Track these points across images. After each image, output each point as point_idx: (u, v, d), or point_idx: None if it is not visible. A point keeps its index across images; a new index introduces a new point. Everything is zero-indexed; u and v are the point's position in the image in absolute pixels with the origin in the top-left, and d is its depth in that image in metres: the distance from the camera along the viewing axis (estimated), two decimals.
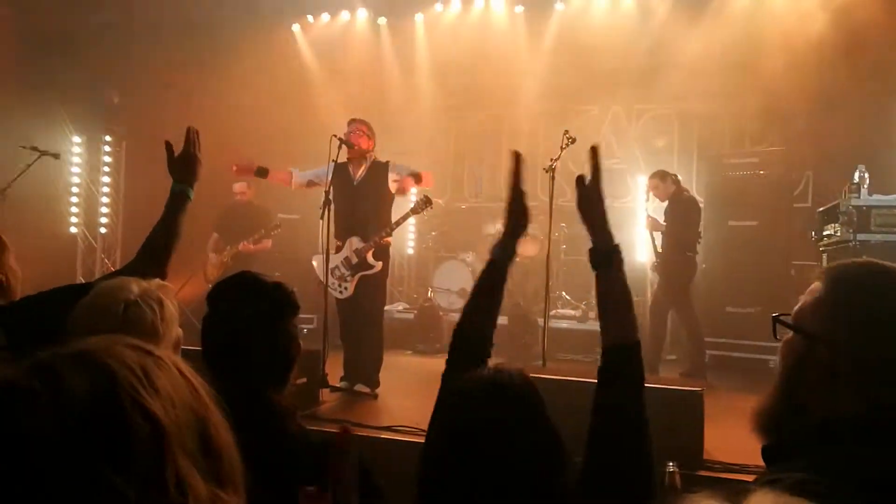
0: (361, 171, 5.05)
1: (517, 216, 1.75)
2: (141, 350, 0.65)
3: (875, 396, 1.00)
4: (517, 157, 1.77)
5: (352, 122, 5.09)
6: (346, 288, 5.02)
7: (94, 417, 0.57)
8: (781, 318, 1.13)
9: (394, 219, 5.07)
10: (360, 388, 4.86)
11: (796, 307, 1.13)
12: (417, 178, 5.00)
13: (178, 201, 2.07)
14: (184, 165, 2.09)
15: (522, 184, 1.77)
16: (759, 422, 1.11)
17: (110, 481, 0.56)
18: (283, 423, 1.54)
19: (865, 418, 0.99)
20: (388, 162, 5.09)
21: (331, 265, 4.98)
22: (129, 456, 0.57)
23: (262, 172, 5.26)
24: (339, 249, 5.05)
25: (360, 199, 4.98)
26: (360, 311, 5.08)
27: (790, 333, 1.12)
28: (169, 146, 2.12)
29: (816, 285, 1.11)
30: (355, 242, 4.98)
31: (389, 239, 5.08)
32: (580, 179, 1.63)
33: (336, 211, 4.94)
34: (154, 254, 2.00)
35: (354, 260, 4.98)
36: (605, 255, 1.55)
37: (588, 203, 1.61)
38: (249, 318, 1.59)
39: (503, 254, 1.73)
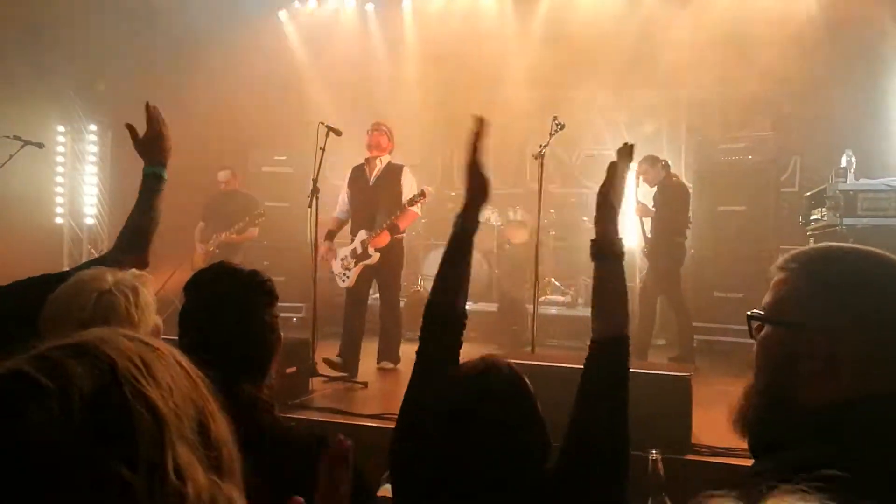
0: (376, 172, 5.37)
1: (477, 186, 1.70)
2: (139, 341, 0.66)
3: (879, 380, 0.99)
4: (481, 123, 1.69)
5: (375, 125, 5.40)
6: (347, 276, 5.31)
7: (98, 407, 0.57)
8: (756, 314, 1.11)
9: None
10: (384, 364, 5.26)
11: (768, 301, 1.10)
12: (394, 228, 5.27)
13: (151, 184, 1.99)
14: (151, 145, 2.01)
15: (481, 153, 1.69)
16: (741, 422, 1.09)
17: (116, 471, 0.56)
18: (258, 417, 1.50)
19: (869, 404, 0.98)
20: (403, 166, 5.39)
21: (341, 255, 5.38)
22: (132, 445, 0.58)
23: (332, 235, 5.50)
24: (351, 242, 5.39)
25: (374, 197, 5.32)
26: (369, 301, 5.54)
27: (766, 329, 1.09)
28: (131, 128, 2.04)
29: (785, 276, 1.09)
30: (363, 234, 5.28)
31: (401, 235, 5.36)
32: (613, 166, 1.62)
33: (353, 210, 5.44)
34: (132, 241, 1.95)
35: (359, 250, 5.27)
36: (608, 246, 1.54)
37: (612, 192, 1.59)
38: (224, 307, 1.56)
39: (466, 224, 1.70)
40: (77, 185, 8.42)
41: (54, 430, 0.55)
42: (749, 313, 1.12)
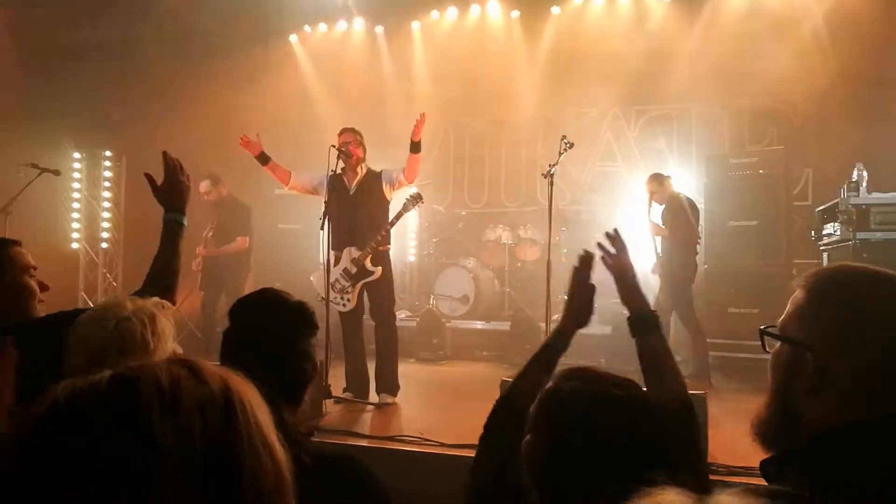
0: (356, 181, 5.04)
1: (582, 311, 1.79)
2: (182, 366, 0.66)
3: (867, 403, 1.00)
4: (588, 258, 1.81)
5: (343, 131, 5.09)
6: (348, 300, 4.99)
7: (101, 433, 0.60)
8: (769, 329, 1.13)
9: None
10: (384, 397, 4.86)
11: (781, 317, 1.13)
12: (415, 149, 4.89)
13: (172, 229, 2.09)
14: (170, 193, 2.10)
15: (588, 281, 1.79)
16: (757, 432, 1.11)
17: (103, 495, 0.58)
18: (297, 443, 1.54)
19: (859, 427, 0.99)
20: (381, 171, 5.09)
21: (330, 279, 4.94)
22: (121, 474, 0.59)
23: (264, 159, 5.11)
24: (337, 261, 5.02)
25: (356, 208, 4.98)
26: (368, 322, 5.11)
27: (778, 344, 1.12)
28: (149, 177, 2.12)
29: (799, 293, 1.11)
30: (352, 252, 4.96)
31: (388, 245, 5.07)
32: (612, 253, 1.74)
33: (332, 222, 4.85)
34: (160, 281, 2.05)
35: (353, 269, 4.96)
36: (649, 320, 1.64)
37: (627, 270, 1.71)
38: (271, 335, 1.60)
39: (560, 344, 1.78)
40: (92, 210, 8.52)
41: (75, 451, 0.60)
42: (761, 328, 1.14)
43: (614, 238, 1.78)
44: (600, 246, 1.78)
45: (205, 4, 7.71)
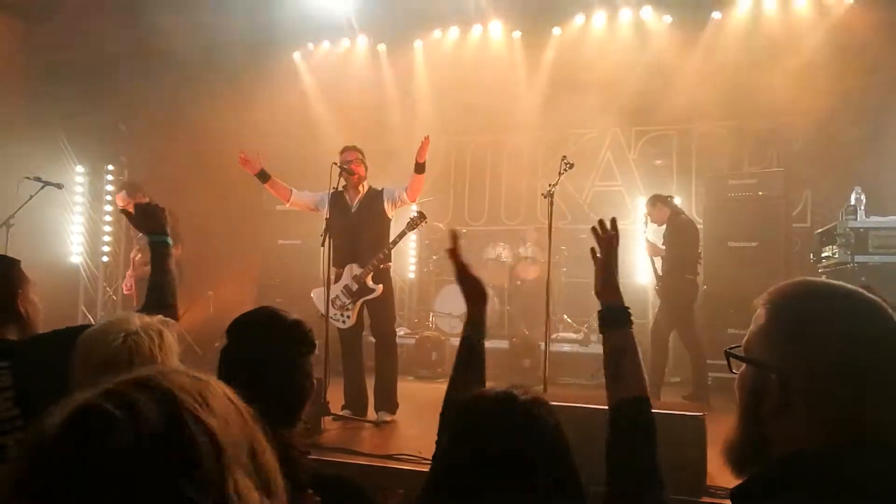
0: (358, 199, 5.08)
1: (471, 290, 1.81)
2: (193, 377, 0.71)
3: (828, 425, 0.97)
4: (453, 235, 1.85)
5: (345, 149, 5.12)
6: (347, 317, 5.00)
7: (165, 434, 0.63)
8: (734, 350, 1.10)
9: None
10: (382, 415, 4.85)
11: (745, 336, 1.10)
12: (419, 169, 4.91)
13: (158, 251, 2.19)
14: (146, 219, 2.22)
15: (462, 258, 1.83)
16: (727, 458, 1.08)
17: (185, 493, 0.62)
18: (293, 462, 1.53)
19: (822, 450, 0.96)
20: (382, 189, 5.12)
21: (330, 295, 4.95)
22: (198, 469, 0.63)
23: (264, 177, 5.14)
24: (338, 277, 5.05)
25: (357, 226, 5.01)
26: (367, 339, 5.11)
27: (744, 365, 1.08)
28: (125, 212, 2.30)
29: (760, 312, 1.07)
30: (354, 269, 4.99)
31: (389, 263, 5.10)
32: (599, 260, 1.68)
33: (334, 239, 4.92)
34: (159, 300, 2.11)
35: (354, 287, 4.97)
36: (618, 315, 1.60)
37: (608, 258, 1.67)
38: (269, 353, 1.61)
39: (474, 330, 1.78)
40: (94, 223, 8.54)
41: (128, 458, 0.61)
42: (726, 349, 1.11)
43: (607, 229, 1.71)
44: (594, 231, 1.72)
45: (208, 21, 7.77)
